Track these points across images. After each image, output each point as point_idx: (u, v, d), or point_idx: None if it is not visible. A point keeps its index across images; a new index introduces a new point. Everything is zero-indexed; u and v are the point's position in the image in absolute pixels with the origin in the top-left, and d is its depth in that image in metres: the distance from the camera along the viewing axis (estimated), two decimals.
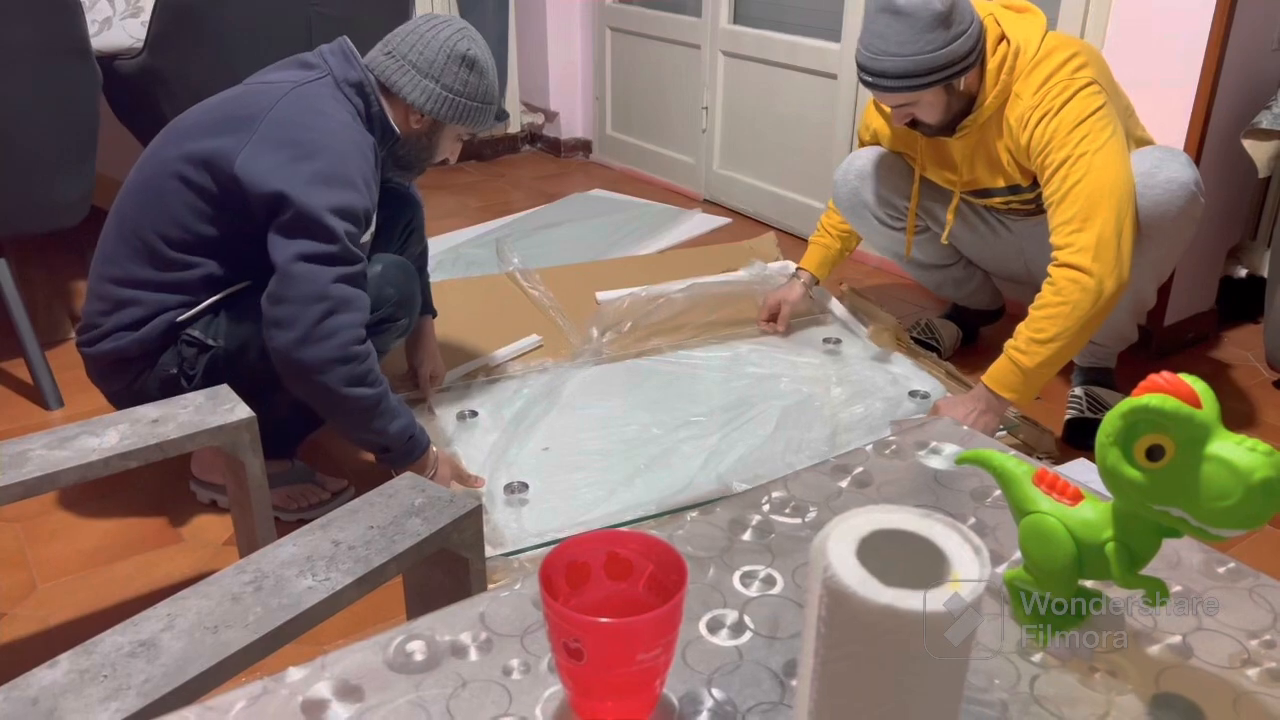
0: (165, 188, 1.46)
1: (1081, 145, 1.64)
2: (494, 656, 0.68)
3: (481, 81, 1.59)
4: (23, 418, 1.93)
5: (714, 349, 2.18)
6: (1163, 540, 0.66)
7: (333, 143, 1.44)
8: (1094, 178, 1.62)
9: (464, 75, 1.57)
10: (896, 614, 0.44)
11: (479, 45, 1.59)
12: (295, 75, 1.51)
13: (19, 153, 1.89)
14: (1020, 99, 1.72)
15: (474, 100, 1.59)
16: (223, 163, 1.41)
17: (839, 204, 2.12)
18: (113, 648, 0.86)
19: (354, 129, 1.50)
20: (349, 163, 1.45)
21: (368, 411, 1.45)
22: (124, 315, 1.48)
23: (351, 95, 1.52)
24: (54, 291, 2.18)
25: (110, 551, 1.55)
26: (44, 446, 1.20)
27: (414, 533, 1.03)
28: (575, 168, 3.80)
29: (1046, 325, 1.64)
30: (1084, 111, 1.65)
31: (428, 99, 1.56)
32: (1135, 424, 0.62)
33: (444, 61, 1.55)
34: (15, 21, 1.78)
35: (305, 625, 0.93)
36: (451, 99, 1.57)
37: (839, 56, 2.76)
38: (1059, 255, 1.65)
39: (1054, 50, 1.70)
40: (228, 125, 1.45)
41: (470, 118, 1.60)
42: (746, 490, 0.93)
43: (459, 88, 1.57)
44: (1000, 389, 1.69)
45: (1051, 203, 1.68)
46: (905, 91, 1.70)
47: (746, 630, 0.71)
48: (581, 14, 3.73)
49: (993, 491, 0.88)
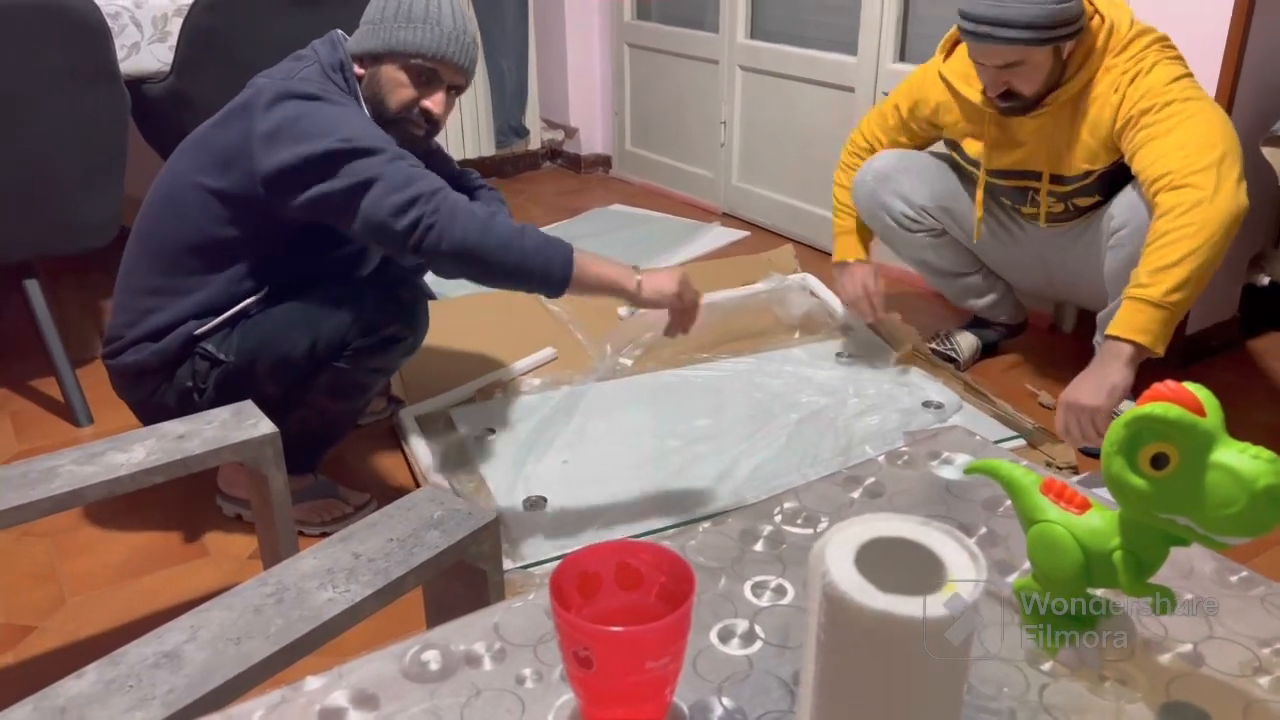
0: (182, 195, 1.49)
1: (1183, 93, 1.66)
2: (507, 666, 0.69)
3: (401, 3, 1.51)
4: (54, 434, 1.97)
5: (731, 362, 2.19)
6: (1170, 548, 0.66)
7: (325, 109, 1.45)
8: (1199, 120, 1.63)
9: (379, 3, 1.53)
10: (893, 619, 0.44)
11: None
12: (287, 67, 1.53)
13: (50, 174, 1.93)
14: (1111, 71, 1.73)
15: (395, 21, 1.50)
16: (234, 153, 1.44)
17: (858, 207, 2.12)
18: (138, 659, 0.88)
19: (343, 103, 1.50)
20: (342, 118, 1.44)
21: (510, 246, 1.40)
22: (145, 325, 1.51)
23: (336, 78, 1.52)
24: (84, 310, 2.22)
25: (137, 565, 1.58)
26: (73, 462, 1.23)
27: (432, 545, 1.05)
28: (595, 183, 3.83)
29: (1168, 251, 1.55)
30: (1177, 72, 1.69)
31: (355, 40, 1.55)
32: (1139, 433, 0.62)
33: (371, 2, 1.55)
34: (47, 47, 1.83)
35: (326, 636, 0.94)
36: (369, 29, 1.53)
37: (856, 70, 2.78)
38: (1167, 179, 1.60)
39: (1145, 31, 1.74)
40: (231, 116, 1.49)
41: (392, 37, 1.50)
42: (759, 501, 0.93)
43: (375, 16, 1.53)
44: (1131, 333, 1.59)
45: (1153, 138, 1.65)
46: (1024, 45, 1.68)
47: (757, 640, 0.72)
48: (600, 31, 3.76)
49: (1004, 501, 0.88)
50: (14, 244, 1.95)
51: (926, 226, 2.10)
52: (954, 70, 1.90)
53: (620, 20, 3.64)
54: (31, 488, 1.17)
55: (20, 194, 1.91)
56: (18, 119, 1.86)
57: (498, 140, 3.73)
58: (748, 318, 2.33)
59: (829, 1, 2.89)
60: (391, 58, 1.52)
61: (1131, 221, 1.74)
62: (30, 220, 1.95)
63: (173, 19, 2.15)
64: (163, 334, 1.50)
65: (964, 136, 1.96)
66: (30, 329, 2.06)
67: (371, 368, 1.57)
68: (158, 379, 1.52)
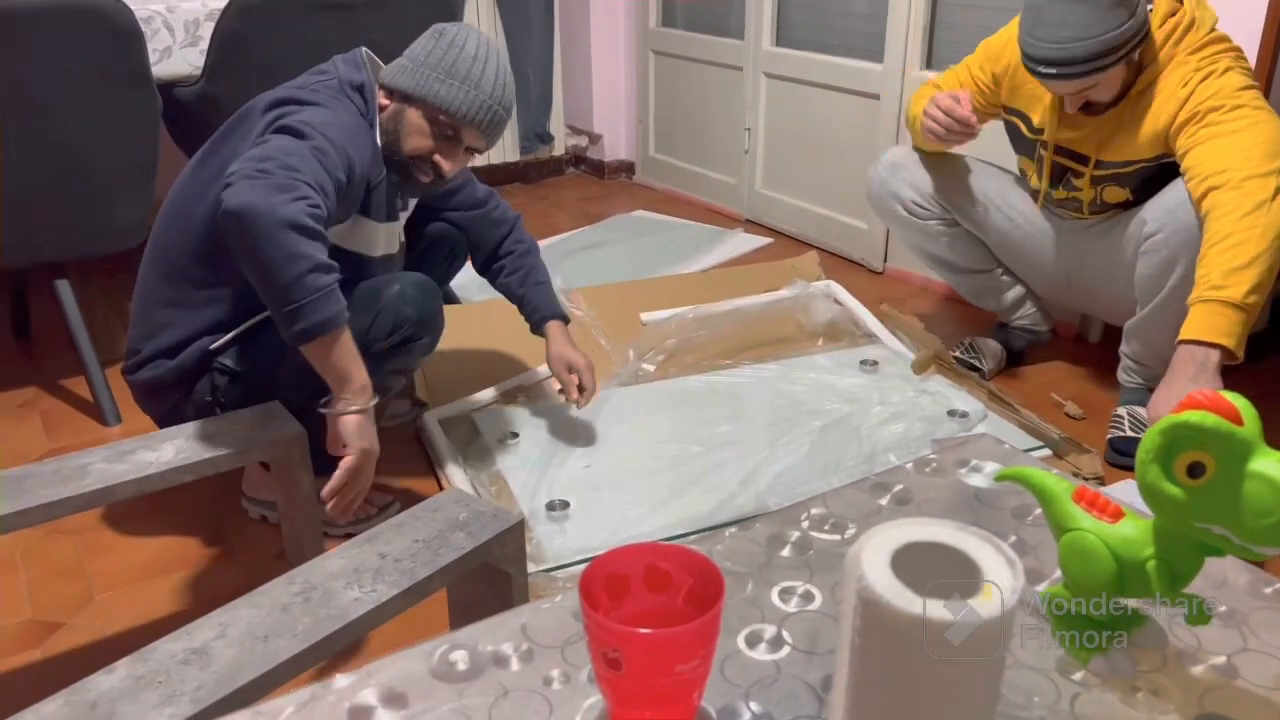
0: (189, 206, 1.49)
1: (1253, 101, 1.64)
2: (535, 666, 0.69)
3: (447, 53, 1.48)
4: (83, 433, 1.99)
5: (755, 368, 2.18)
6: (1205, 559, 0.65)
7: (320, 112, 1.42)
8: (1265, 129, 1.61)
9: (428, 44, 1.50)
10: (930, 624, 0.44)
11: (467, 31, 1.51)
12: (303, 80, 1.52)
13: (82, 177, 1.95)
14: (1183, 66, 1.72)
15: (436, 70, 1.48)
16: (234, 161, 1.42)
17: (870, 199, 2.13)
18: (167, 655, 0.89)
19: (347, 118, 1.46)
20: (328, 121, 1.39)
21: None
22: (161, 339, 1.50)
23: (354, 98, 1.50)
24: (113, 311, 2.24)
25: (163, 564, 1.59)
26: (104, 460, 1.24)
27: (458, 546, 1.05)
28: (618, 189, 3.83)
29: (1238, 252, 1.51)
30: (1248, 81, 1.67)
31: (391, 70, 1.53)
32: (1175, 441, 0.62)
33: (420, 39, 1.52)
34: (81, 50, 1.85)
35: (352, 635, 0.95)
36: (409, 65, 1.50)
37: (881, 77, 2.77)
38: (1224, 176, 1.57)
39: (1224, 39, 1.72)
40: (233, 125, 1.49)
41: (428, 86, 1.47)
42: (785, 507, 0.93)
43: (420, 55, 1.50)
44: (1215, 336, 1.51)
45: (1216, 135, 1.63)
46: (1095, 74, 1.67)
47: (785, 645, 0.71)
48: (625, 38, 3.77)
49: (1034, 510, 0.88)
50: (47, 244, 1.98)
51: (937, 215, 2.09)
52: None
53: (645, 27, 3.65)
54: (64, 484, 1.19)
55: (53, 195, 1.94)
56: (52, 121, 1.88)
57: (522, 146, 3.74)
58: (771, 324, 2.33)
59: (855, 9, 2.89)
60: (421, 104, 1.50)
61: (1167, 227, 1.72)
62: (62, 221, 1.97)
63: (204, 23, 2.18)
64: (178, 350, 1.50)
65: (1031, 101, 1.93)
66: (61, 329, 2.08)
67: (391, 369, 1.57)
68: (176, 393, 1.52)
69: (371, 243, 1.57)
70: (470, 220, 1.85)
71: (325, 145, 1.34)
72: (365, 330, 1.49)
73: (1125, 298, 1.87)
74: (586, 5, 3.71)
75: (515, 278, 1.84)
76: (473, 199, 1.85)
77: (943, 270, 2.23)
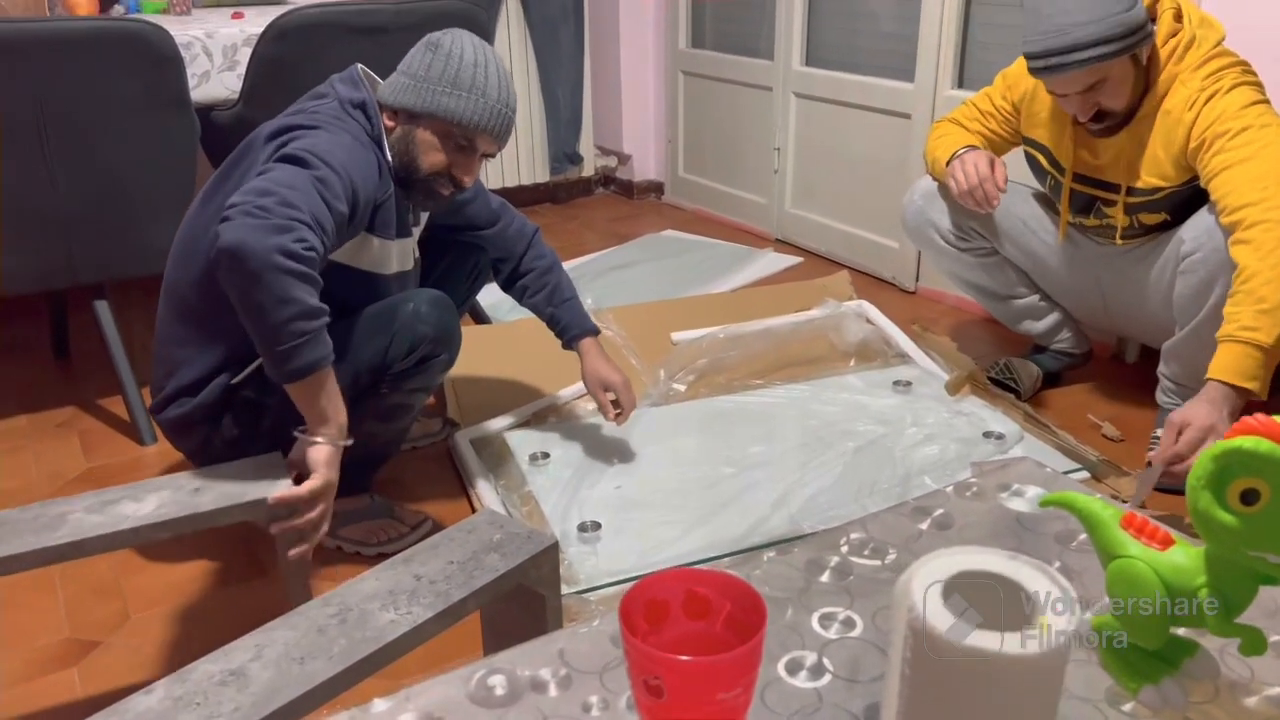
0: (198, 240, 1.44)
1: (1259, 119, 1.62)
2: (573, 692, 0.69)
3: (447, 65, 1.46)
4: (120, 452, 2.01)
5: (786, 388, 2.17)
6: (1259, 588, 0.64)
7: (322, 136, 1.40)
8: (1275, 149, 1.58)
9: (425, 58, 1.48)
10: (984, 656, 0.43)
11: (459, 37, 1.49)
12: (302, 104, 1.51)
13: (121, 199, 1.98)
14: (1185, 85, 1.70)
15: (439, 84, 1.46)
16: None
17: (906, 228, 2.11)
18: (205, 676, 0.89)
19: (349, 139, 1.43)
20: (332, 146, 1.38)
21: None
22: (182, 377, 1.50)
23: (358, 116, 1.48)
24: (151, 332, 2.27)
25: (200, 583, 1.60)
26: (85, 509, 1.22)
27: (492, 568, 1.05)
28: (648, 209, 3.84)
29: (1268, 291, 1.51)
30: (1253, 97, 1.65)
31: (391, 89, 1.50)
32: (1228, 467, 0.60)
33: (414, 53, 1.51)
34: (123, 75, 1.89)
35: (387, 658, 0.95)
36: (410, 83, 1.48)
37: (912, 97, 2.76)
38: (1248, 214, 1.56)
39: (1227, 53, 1.71)
40: (237, 157, 1.48)
41: (435, 101, 1.46)
42: (824, 530, 0.92)
43: (418, 71, 1.47)
44: (1239, 379, 1.53)
45: (1227, 165, 1.62)
46: (1100, 61, 1.65)
47: (826, 673, 0.70)
48: (655, 59, 3.79)
49: (1078, 535, 0.86)
50: (87, 265, 2.01)
51: (974, 246, 2.08)
52: None
53: (675, 48, 3.67)
54: (36, 535, 1.17)
55: (94, 217, 1.97)
56: (93, 144, 1.92)
57: (552, 167, 3.76)
58: (802, 344, 2.32)
59: (886, 28, 2.89)
60: (429, 120, 1.48)
61: (1205, 246, 1.69)
62: (102, 243, 2.01)
63: (242, 48, 2.21)
64: (199, 387, 1.49)
65: (1048, 132, 1.92)
66: (99, 349, 2.11)
67: (412, 388, 1.57)
68: (205, 428, 1.52)
69: (383, 261, 1.56)
70: (489, 239, 1.84)
71: (328, 174, 1.34)
72: (384, 351, 1.49)
73: (1163, 319, 1.85)
74: (616, 27, 3.73)
75: (541, 296, 1.84)
76: (487, 212, 1.83)
77: (980, 296, 2.21)
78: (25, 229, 1.91)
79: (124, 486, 1.28)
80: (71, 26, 1.88)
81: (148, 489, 1.29)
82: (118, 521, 1.21)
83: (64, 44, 1.83)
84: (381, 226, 1.52)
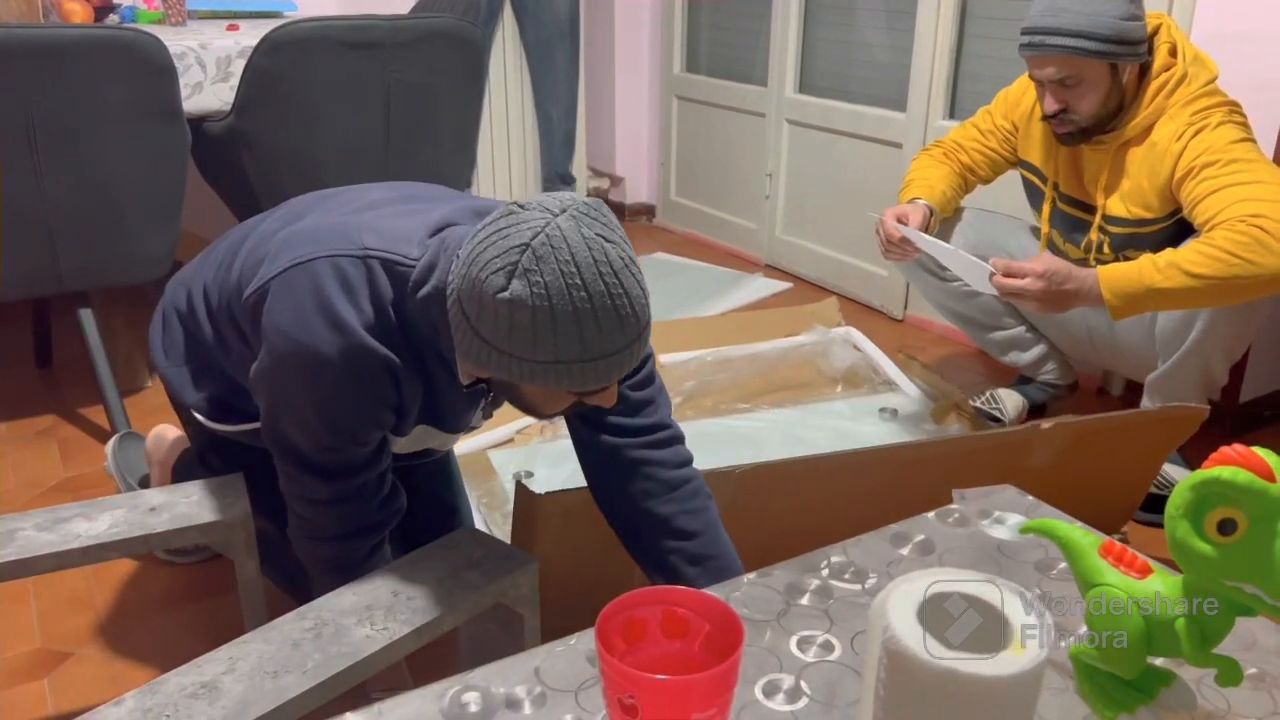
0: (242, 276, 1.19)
1: (1246, 154, 1.64)
2: (548, 711, 0.68)
3: (536, 326, 0.92)
4: (98, 460, 1.99)
5: (773, 413, 2.17)
6: (1236, 618, 0.64)
7: (323, 387, 1.09)
8: (1265, 180, 1.60)
9: (503, 312, 0.93)
10: (958, 677, 0.43)
11: (540, 266, 0.91)
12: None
13: (111, 207, 1.98)
14: (1173, 120, 1.72)
15: (530, 359, 0.95)
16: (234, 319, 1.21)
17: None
18: (176, 688, 0.88)
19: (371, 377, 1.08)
20: (335, 410, 1.10)
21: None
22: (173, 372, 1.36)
23: (433, 311, 1.06)
24: (134, 342, 2.26)
25: (176, 595, 1.59)
26: (35, 526, 1.19)
27: (471, 585, 1.04)
28: (638, 231, 3.85)
29: (1199, 262, 1.56)
30: (1240, 134, 1.67)
31: (466, 346, 0.99)
32: (1206, 497, 0.61)
33: (482, 295, 0.94)
34: (115, 84, 1.89)
35: (363, 673, 0.94)
36: (490, 349, 0.96)
37: (904, 126, 2.78)
38: (1243, 207, 1.58)
39: (1218, 93, 1.73)
40: (250, 264, 1.19)
41: (537, 376, 0.96)
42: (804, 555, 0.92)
43: (502, 333, 0.94)
44: (1108, 286, 1.62)
45: (1216, 189, 1.63)
46: (1076, 54, 1.67)
47: (803, 696, 0.70)
48: (650, 83, 3.82)
49: (1058, 563, 0.86)
50: (74, 273, 2.00)
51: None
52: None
53: (669, 72, 3.69)
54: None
55: (82, 225, 1.96)
56: (83, 151, 1.91)
57: (544, 187, 3.77)
58: (790, 369, 2.32)
59: (879, 58, 2.91)
60: (536, 386, 1.01)
61: None
62: (90, 251, 2.00)
63: (235, 60, 2.21)
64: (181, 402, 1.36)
65: (1040, 153, 1.94)
66: (82, 357, 2.10)
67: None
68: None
69: (445, 439, 1.38)
70: (636, 453, 1.22)
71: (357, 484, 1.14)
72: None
73: (1147, 354, 1.86)
74: (611, 50, 3.76)
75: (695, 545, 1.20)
76: (629, 404, 1.23)
77: (966, 326, 2.22)
78: (13, 235, 1.90)
79: (79, 504, 1.24)
80: (66, 35, 1.88)
81: (102, 507, 1.23)
82: (68, 540, 1.16)
83: (58, 52, 1.82)
84: (445, 418, 1.23)
